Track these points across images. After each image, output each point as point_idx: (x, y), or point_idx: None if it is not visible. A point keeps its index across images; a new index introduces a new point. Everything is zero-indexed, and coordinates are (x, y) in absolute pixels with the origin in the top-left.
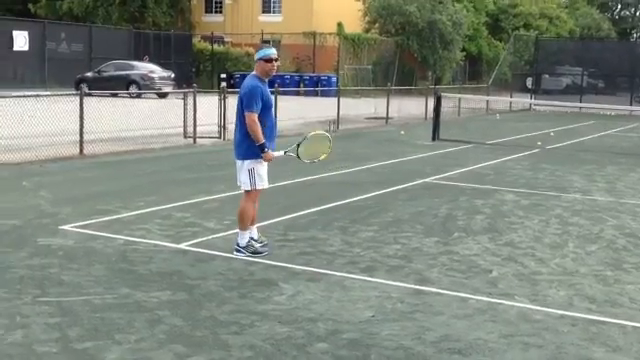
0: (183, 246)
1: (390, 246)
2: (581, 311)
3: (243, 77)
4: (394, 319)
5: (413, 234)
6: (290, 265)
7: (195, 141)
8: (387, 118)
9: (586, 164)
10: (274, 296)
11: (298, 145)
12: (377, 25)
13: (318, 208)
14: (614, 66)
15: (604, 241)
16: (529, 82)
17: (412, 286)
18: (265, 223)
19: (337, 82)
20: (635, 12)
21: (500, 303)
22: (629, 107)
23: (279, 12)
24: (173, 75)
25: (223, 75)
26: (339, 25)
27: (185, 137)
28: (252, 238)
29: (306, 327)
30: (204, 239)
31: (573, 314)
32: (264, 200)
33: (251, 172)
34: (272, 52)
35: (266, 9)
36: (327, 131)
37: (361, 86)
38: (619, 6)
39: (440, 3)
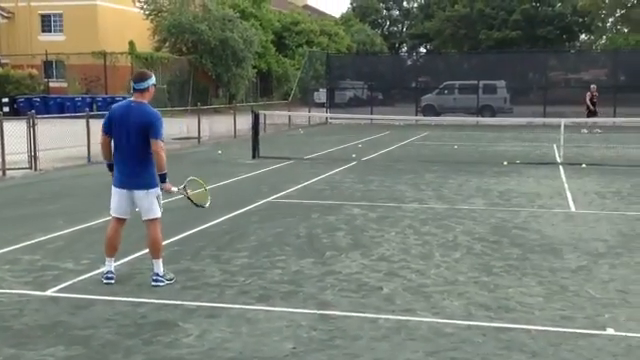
0: (50, 293)
1: (271, 271)
2: (483, 320)
3: (28, 101)
4: (317, 349)
5: (287, 256)
6: (180, 302)
7: (4, 173)
8: (199, 138)
9: (406, 174)
10: (181, 338)
11: (184, 187)
12: (168, 44)
13: (177, 237)
14: (389, 79)
15: (463, 247)
16: (316, 96)
17: (315, 311)
18: (129, 258)
19: None
20: (402, 28)
21: (408, 320)
22: (415, 117)
23: (60, 31)
24: None
25: (5, 100)
26: (130, 44)
27: None
28: (110, 271)
29: None
30: (70, 283)
31: (478, 324)
32: None
33: (158, 199)
34: None
35: (46, 28)
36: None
37: (157, 106)
38: (388, 22)
39: (230, 21)
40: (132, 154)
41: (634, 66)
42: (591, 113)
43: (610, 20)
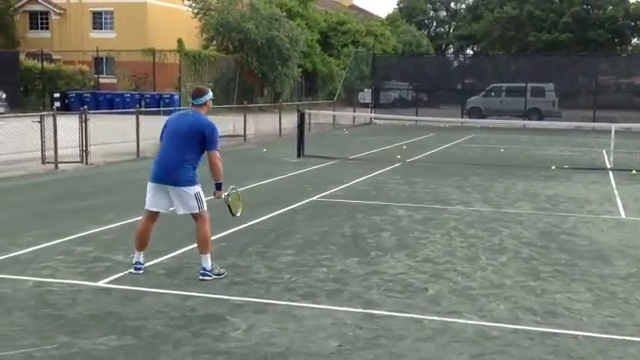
0: (102, 284)
1: (317, 269)
2: (530, 324)
3: (79, 97)
4: (363, 347)
5: (332, 255)
6: (227, 297)
7: (57, 167)
8: (245, 136)
9: (451, 176)
10: (229, 332)
11: (228, 195)
12: (215, 42)
13: (223, 233)
14: (434, 80)
15: (510, 251)
16: (361, 96)
17: (361, 310)
18: (178, 252)
19: (180, 100)
20: (449, 29)
21: (453, 322)
22: (460, 119)
23: (111, 28)
24: (4, 96)
25: (57, 95)
26: (179, 42)
27: (44, 163)
28: (139, 262)
29: None
30: (121, 275)
31: (524, 327)
32: (164, 228)
33: (198, 196)
34: None
35: (97, 25)
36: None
37: None
38: (435, 23)
39: (276, 20)
40: (174, 153)
41: None
42: None
43: None
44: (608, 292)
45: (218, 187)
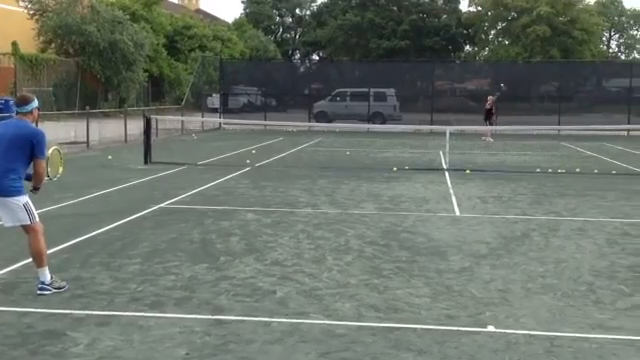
0: None
1: (164, 277)
2: (373, 320)
3: None
4: (211, 354)
5: (180, 262)
6: (68, 311)
7: None
8: (88, 142)
9: (300, 179)
10: (70, 348)
11: (47, 158)
12: (54, 45)
13: (65, 245)
14: (282, 85)
15: (355, 251)
16: (210, 102)
17: (209, 317)
18: (15, 266)
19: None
20: (295, 35)
21: (301, 322)
22: (308, 123)
23: None
24: None
25: None
26: (14, 45)
27: None
28: None
29: None
30: None
31: (368, 324)
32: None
33: (27, 207)
34: None
35: None
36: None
37: (43, 109)
38: (281, 29)
39: (120, 24)
40: None
41: (514, 77)
42: (491, 122)
43: (492, 32)
44: (444, 286)
45: (36, 189)
